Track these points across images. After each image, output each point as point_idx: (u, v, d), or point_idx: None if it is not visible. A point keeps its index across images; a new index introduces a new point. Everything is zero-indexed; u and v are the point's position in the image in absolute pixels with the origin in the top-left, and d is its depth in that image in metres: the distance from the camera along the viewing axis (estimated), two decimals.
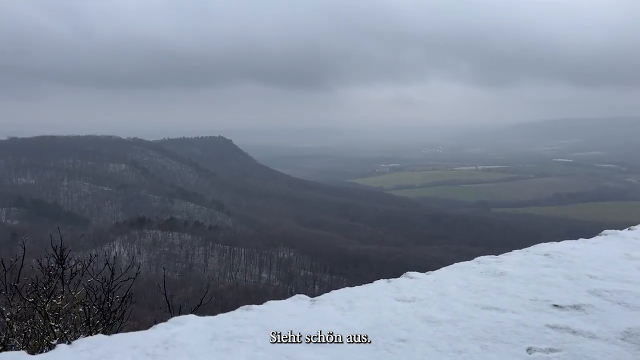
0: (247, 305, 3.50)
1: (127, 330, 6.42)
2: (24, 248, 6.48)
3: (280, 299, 3.81)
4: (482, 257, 4.99)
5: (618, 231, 5.95)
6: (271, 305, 3.52)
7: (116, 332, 6.50)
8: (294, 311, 3.40)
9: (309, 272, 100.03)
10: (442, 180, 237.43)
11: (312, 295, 3.82)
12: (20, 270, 6.42)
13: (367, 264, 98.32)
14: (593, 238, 5.69)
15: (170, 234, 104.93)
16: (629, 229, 6.09)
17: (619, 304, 3.59)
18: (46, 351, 6.40)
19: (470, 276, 4.27)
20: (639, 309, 3.50)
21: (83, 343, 2.71)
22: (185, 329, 2.96)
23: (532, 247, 5.29)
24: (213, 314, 3.49)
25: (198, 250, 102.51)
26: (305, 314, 3.36)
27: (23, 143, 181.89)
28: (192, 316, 3.22)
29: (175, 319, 3.17)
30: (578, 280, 4.08)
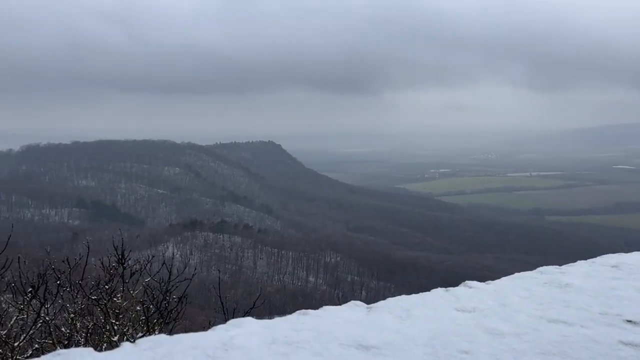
0: (303, 310, 3.49)
1: (180, 330, 6.58)
2: (88, 248, 6.74)
3: (327, 304, 3.79)
4: (544, 267, 4.79)
5: None
6: (327, 310, 3.49)
7: (170, 332, 6.67)
8: (350, 318, 3.36)
9: (355, 277, 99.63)
10: (494, 186, 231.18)
11: (360, 301, 3.78)
12: (84, 269, 6.69)
13: (415, 271, 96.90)
14: None
15: (221, 236, 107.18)
16: None
17: None
18: (106, 347, 6.65)
19: (532, 287, 4.10)
20: None
21: (146, 342, 2.77)
22: (243, 332, 2.98)
23: (598, 258, 5.03)
24: (261, 316, 3.50)
25: (247, 253, 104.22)
26: (363, 321, 3.31)
27: (84, 147, 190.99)
28: (249, 319, 3.24)
29: (233, 321, 3.19)
30: None
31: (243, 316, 4.94)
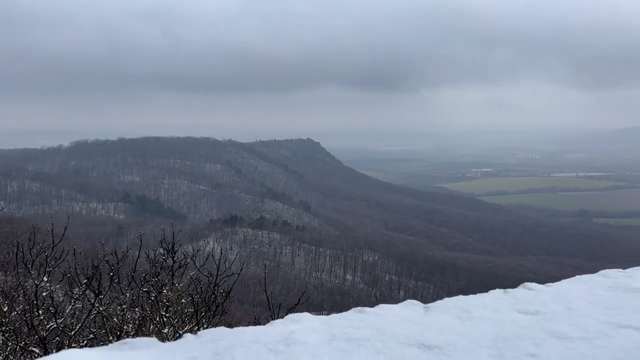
0: (359, 308, 3.45)
1: (223, 324, 6.65)
2: (141, 241, 6.90)
3: (364, 302, 3.75)
4: (607, 270, 4.59)
5: None
6: (384, 309, 3.44)
7: (216, 325, 6.75)
8: (408, 317, 3.30)
9: (393, 277, 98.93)
10: (538, 187, 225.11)
11: (397, 301, 3.73)
12: (136, 261, 6.85)
13: (454, 272, 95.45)
14: None
15: (260, 232, 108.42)
16: None
17: None
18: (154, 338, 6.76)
19: (597, 291, 3.92)
20: None
21: (208, 334, 2.79)
22: (302, 327, 2.96)
23: None
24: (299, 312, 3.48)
25: (285, 249, 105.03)
26: (421, 320, 3.24)
27: (130, 143, 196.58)
28: (307, 315, 3.22)
29: (291, 316, 3.18)
30: None
31: (287, 313, 4.95)
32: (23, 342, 6.10)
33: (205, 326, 6.75)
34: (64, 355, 2.31)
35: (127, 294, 6.94)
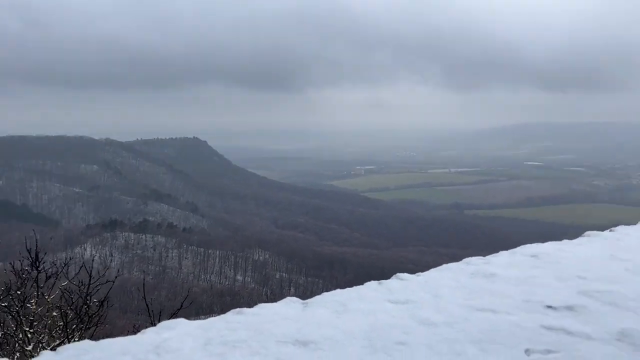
0: (238, 309, 3.40)
1: (102, 335, 6.22)
2: None
3: (255, 302, 3.74)
4: (470, 258, 4.98)
5: (600, 232, 6.05)
6: (263, 308, 3.42)
7: (91, 338, 6.30)
8: (287, 314, 3.32)
9: (284, 274, 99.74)
10: (416, 182, 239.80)
11: (294, 297, 3.77)
12: None
13: (342, 266, 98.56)
14: (577, 239, 5.75)
15: (143, 236, 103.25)
16: (610, 231, 6.19)
17: (610, 304, 3.60)
18: (20, 358, 6.16)
19: (461, 277, 4.25)
20: (631, 309, 3.52)
21: (69, 349, 2.57)
22: (176, 334, 2.85)
23: (518, 248, 5.31)
24: (188, 317, 3.38)
25: (172, 253, 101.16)
26: (300, 317, 3.27)
27: None
28: (182, 320, 3.10)
29: (164, 323, 3.05)
30: (568, 282, 4.09)
31: (169, 318, 4.75)
32: None
33: (76, 339, 6.26)
34: None
35: None
